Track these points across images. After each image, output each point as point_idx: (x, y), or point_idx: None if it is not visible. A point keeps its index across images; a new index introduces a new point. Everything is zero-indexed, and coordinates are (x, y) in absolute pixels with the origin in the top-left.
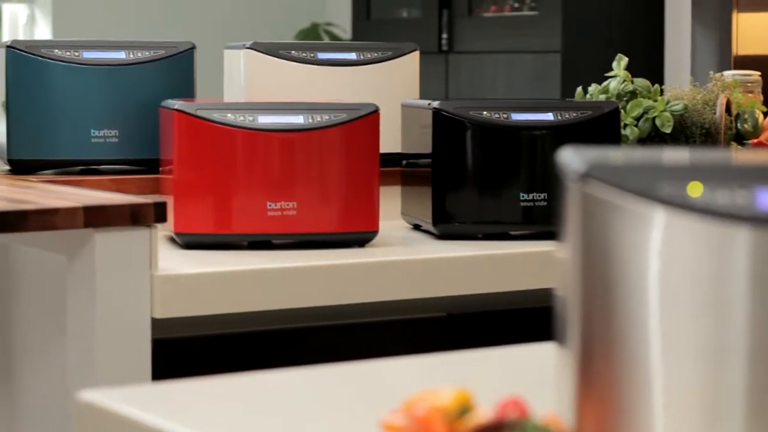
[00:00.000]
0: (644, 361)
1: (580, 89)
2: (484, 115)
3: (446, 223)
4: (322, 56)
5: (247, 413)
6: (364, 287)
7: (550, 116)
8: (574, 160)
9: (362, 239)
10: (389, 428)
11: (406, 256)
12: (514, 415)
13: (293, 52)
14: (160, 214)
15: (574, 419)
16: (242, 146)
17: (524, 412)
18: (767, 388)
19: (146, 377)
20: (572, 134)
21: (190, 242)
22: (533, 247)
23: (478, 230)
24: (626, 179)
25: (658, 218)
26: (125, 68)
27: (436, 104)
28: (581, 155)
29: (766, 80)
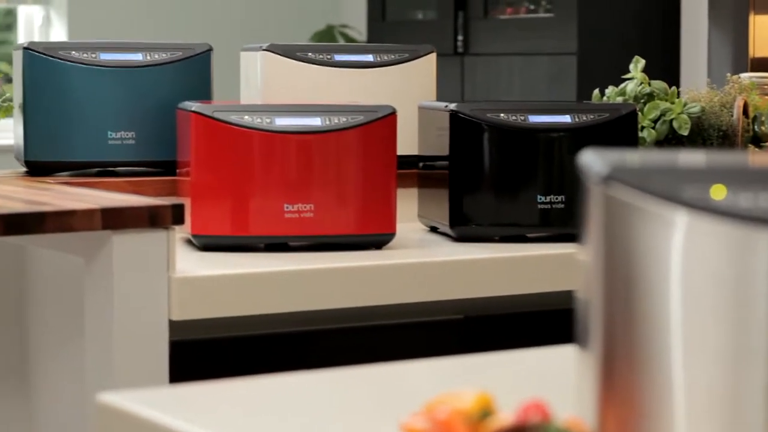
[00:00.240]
0: (666, 363)
1: (597, 91)
2: (501, 117)
3: (463, 225)
4: (338, 58)
5: (267, 416)
6: (381, 289)
7: (567, 118)
8: (596, 162)
9: (379, 241)
10: (410, 431)
11: (423, 258)
12: (536, 418)
13: (310, 53)
14: (177, 216)
15: (596, 422)
16: (259, 148)
17: (546, 415)
18: None
19: (163, 379)
20: (590, 136)
21: (207, 244)
22: (550, 249)
23: (495, 232)
24: (649, 182)
25: (680, 221)
26: (142, 70)
27: (453, 106)
28: (603, 158)
29: None
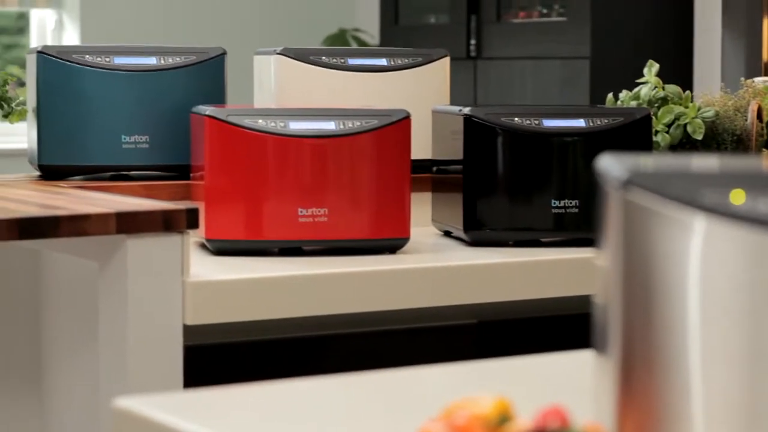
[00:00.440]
0: (684, 368)
1: (611, 95)
2: (515, 121)
3: (477, 229)
4: (352, 62)
5: (281, 421)
6: (394, 294)
7: (581, 122)
8: (614, 167)
9: (393, 246)
10: None
11: (437, 262)
12: (555, 423)
13: (324, 57)
14: (192, 220)
15: (614, 428)
16: (273, 152)
17: (565, 420)
18: None
19: (178, 384)
20: (604, 141)
21: (221, 248)
22: (564, 254)
23: (509, 237)
24: (668, 187)
25: (699, 226)
26: (156, 74)
27: (467, 110)
28: (622, 162)
29: None
